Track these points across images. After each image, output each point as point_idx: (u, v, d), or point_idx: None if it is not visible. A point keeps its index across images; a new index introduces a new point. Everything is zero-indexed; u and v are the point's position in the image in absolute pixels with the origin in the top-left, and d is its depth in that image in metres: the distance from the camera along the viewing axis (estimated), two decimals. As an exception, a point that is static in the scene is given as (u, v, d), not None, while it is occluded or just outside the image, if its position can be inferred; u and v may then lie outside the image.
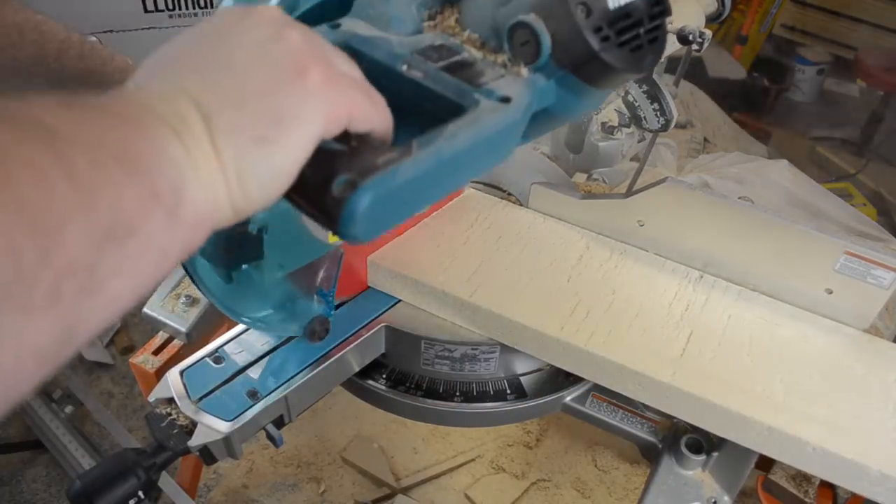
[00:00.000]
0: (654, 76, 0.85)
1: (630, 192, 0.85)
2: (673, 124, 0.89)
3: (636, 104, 0.90)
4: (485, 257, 0.81)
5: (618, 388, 0.71)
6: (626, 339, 0.72)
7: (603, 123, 1.06)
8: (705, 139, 2.53)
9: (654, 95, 0.87)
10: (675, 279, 0.81)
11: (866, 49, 2.83)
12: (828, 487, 0.79)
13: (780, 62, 3.42)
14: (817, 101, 3.44)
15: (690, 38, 0.74)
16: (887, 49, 2.95)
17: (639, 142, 1.09)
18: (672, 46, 0.78)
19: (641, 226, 0.85)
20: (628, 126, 1.02)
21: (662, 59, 0.79)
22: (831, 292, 0.77)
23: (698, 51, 0.75)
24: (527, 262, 0.81)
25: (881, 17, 3.25)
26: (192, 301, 0.86)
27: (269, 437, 0.68)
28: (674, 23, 0.74)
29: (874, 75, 2.64)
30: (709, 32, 0.75)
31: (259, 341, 0.72)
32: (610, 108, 1.06)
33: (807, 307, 0.79)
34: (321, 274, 0.68)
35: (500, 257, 0.81)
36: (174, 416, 0.64)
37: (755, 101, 3.20)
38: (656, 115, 0.88)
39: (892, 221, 2.39)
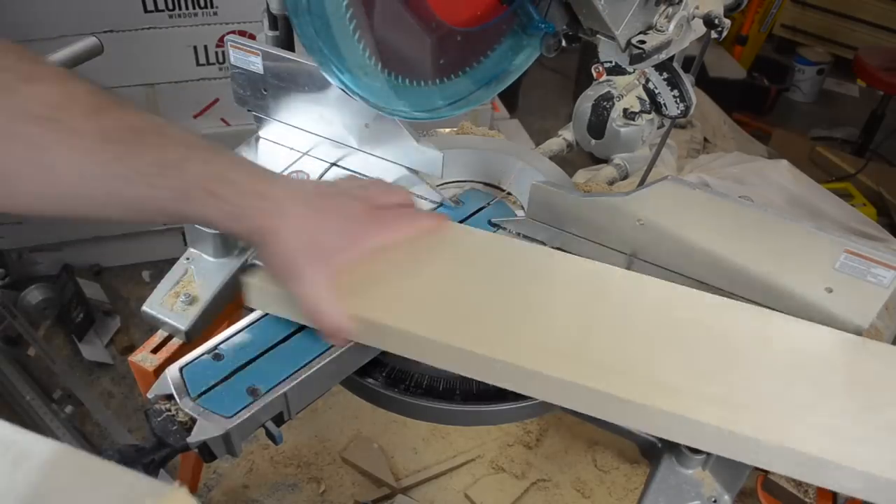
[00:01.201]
0: (674, 63, 0.85)
1: (631, 191, 0.85)
2: (692, 110, 0.91)
3: (656, 91, 0.91)
4: (463, 294, 0.74)
5: (643, 427, 0.68)
6: (641, 374, 0.67)
7: (625, 110, 1.06)
8: (705, 139, 2.53)
9: (674, 82, 0.88)
10: (667, 293, 0.78)
11: (866, 49, 2.83)
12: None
13: (780, 62, 3.42)
14: (817, 101, 3.45)
15: (716, 21, 0.74)
16: (887, 49, 2.96)
17: (658, 128, 1.11)
18: (694, 33, 0.78)
19: (641, 224, 0.85)
20: (649, 112, 1.02)
21: (684, 46, 0.80)
22: (831, 291, 0.77)
23: (717, 38, 0.77)
24: (508, 294, 0.74)
25: (881, 17, 3.27)
26: (192, 299, 0.86)
27: (269, 434, 0.67)
28: (700, 7, 0.75)
29: (874, 75, 2.65)
30: (728, 21, 0.76)
31: (258, 339, 0.72)
32: (631, 94, 1.06)
33: (806, 306, 0.79)
34: None
35: (479, 292, 0.74)
36: (173, 412, 0.64)
37: (755, 101, 3.21)
38: (676, 101, 0.90)
39: (892, 221, 2.39)
